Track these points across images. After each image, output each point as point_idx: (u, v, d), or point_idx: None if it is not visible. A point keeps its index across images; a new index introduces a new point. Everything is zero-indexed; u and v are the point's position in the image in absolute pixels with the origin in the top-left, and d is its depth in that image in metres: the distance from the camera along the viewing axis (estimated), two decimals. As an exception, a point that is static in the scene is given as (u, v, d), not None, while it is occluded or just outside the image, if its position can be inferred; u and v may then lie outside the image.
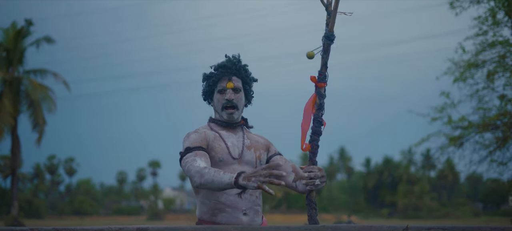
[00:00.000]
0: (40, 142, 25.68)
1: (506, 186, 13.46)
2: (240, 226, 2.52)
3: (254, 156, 2.81)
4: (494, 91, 12.07)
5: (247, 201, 2.68)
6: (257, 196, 2.74)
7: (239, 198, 2.61)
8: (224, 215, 2.66)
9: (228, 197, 2.65)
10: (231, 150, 2.75)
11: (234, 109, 2.80)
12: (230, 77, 2.83)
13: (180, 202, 69.44)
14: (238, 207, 2.66)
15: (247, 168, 2.75)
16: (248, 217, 2.69)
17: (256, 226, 2.70)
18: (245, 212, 2.68)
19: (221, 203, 2.66)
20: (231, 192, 2.64)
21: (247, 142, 2.84)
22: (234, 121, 2.83)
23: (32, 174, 60.85)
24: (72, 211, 56.75)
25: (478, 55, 11.88)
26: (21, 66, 26.40)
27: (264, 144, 2.92)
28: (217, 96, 2.83)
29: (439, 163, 53.01)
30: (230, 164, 2.71)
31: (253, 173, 2.30)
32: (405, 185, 54.95)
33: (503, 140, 11.93)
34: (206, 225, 2.57)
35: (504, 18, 11.44)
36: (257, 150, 2.85)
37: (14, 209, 25.92)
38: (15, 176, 26.72)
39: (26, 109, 25.74)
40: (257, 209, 2.74)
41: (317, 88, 2.64)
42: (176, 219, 47.65)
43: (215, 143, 2.74)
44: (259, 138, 2.93)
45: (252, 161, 2.79)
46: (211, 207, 2.67)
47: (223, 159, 2.70)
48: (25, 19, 26.26)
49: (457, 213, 51.08)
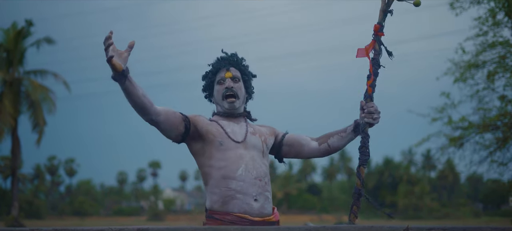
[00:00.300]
0: (40, 142, 25.69)
1: (507, 186, 13.45)
2: (240, 226, 2.53)
3: (260, 140, 2.80)
4: (495, 92, 12.07)
5: (256, 186, 2.66)
6: (266, 182, 2.72)
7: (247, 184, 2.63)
8: (236, 202, 2.62)
9: (238, 183, 2.63)
10: (231, 135, 2.73)
11: (234, 98, 2.79)
12: (228, 68, 2.83)
13: (180, 202, 69.41)
14: (248, 193, 2.63)
15: (254, 152, 2.73)
16: (259, 204, 2.66)
17: (267, 214, 2.69)
18: (256, 198, 2.65)
19: (232, 189, 2.63)
20: (241, 178, 2.63)
21: (250, 129, 2.82)
22: (235, 109, 2.81)
23: (33, 174, 60.85)
24: (72, 211, 56.74)
25: (478, 56, 11.88)
26: (21, 67, 26.41)
27: (269, 131, 2.92)
28: (216, 88, 2.83)
29: (439, 164, 53.14)
30: (233, 148, 2.69)
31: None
32: (406, 186, 54.94)
33: (504, 140, 11.92)
34: (208, 226, 2.56)
35: (504, 18, 11.43)
36: (262, 135, 2.84)
37: (14, 210, 25.92)
38: (15, 176, 26.72)
39: (26, 110, 25.74)
40: (267, 195, 2.71)
41: (377, 36, 2.84)
42: (176, 220, 47.64)
43: (211, 127, 2.73)
44: (263, 127, 2.92)
45: (259, 145, 2.78)
46: (222, 195, 2.64)
47: (223, 143, 2.69)
48: (26, 20, 26.28)
49: (458, 213, 51.07)
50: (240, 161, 2.67)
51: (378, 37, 2.84)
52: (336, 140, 2.92)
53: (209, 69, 2.88)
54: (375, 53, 2.83)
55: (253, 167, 2.69)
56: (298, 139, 2.95)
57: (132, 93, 2.49)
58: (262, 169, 2.72)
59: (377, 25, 2.84)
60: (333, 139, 2.92)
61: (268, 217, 2.69)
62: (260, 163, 2.73)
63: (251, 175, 2.66)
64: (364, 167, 2.78)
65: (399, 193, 54.79)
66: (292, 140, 2.94)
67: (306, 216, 48.11)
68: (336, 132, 2.94)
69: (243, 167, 2.66)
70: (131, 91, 2.49)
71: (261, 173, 2.70)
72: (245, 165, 2.67)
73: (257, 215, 2.65)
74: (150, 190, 67.75)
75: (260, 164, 2.73)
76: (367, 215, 53.64)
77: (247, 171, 2.66)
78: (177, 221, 45.49)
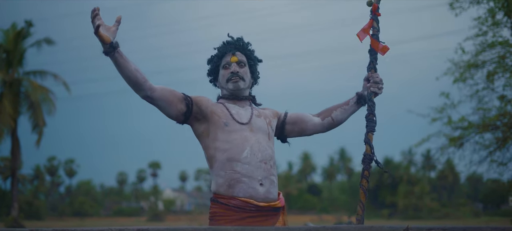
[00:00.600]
0: (39, 143, 25.67)
1: (506, 186, 13.47)
2: (241, 227, 2.53)
3: (265, 122, 2.79)
4: (494, 91, 12.07)
5: (262, 170, 2.65)
6: (271, 165, 2.71)
7: (254, 167, 2.64)
8: (241, 185, 2.61)
9: (243, 166, 2.62)
10: (236, 117, 2.72)
11: (238, 78, 2.78)
12: (234, 52, 2.82)
13: (180, 203, 69.37)
14: (254, 176, 2.62)
15: (260, 135, 2.72)
16: (264, 188, 2.65)
17: (272, 199, 2.68)
18: (261, 182, 2.64)
19: (237, 172, 2.61)
20: (246, 161, 2.62)
21: (255, 111, 2.81)
22: (240, 89, 2.80)
23: (32, 175, 60.80)
24: (72, 212, 56.70)
25: (478, 56, 11.88)
26: (21, 68, 26.40)
27: (273, 113, 2.92)
28: (222, 72, 2.83)
29: (439, 164, 52.99)
30: (239, 130, 2.68)
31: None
32: (406, 186, 54.91)
33: (503, 140, 11.93)
34: (208, 226, 2.56)
35: (504, 18, 11.44)
36: (267, 117, 2.83)
37: (14, 211, 25.92)
38: (15, 177, 26.71)
39: (26, 111, 25.73)
40: (273, 179, 2.70)
41: (375, 15, 2.98)
42: (176, 220, 47.61)
43: (216, 108, 2.73)
44: (266, 110, 2.91)
45: (264, 128, 2.77)
46: (227, 178, 2.62)
47: (228, 124, 2.68)
48: (25, 21, 26.28)
49: (458, 213, 51.05)
50: (246, 143, 2.65)
51: (376, 16, 2.98)
52: (340, 113, 2.97)
53: (215, 53, 2.88)
54: (374, 30, 2.98)
55: (259, 149, 2.67)
56: (301, 116, 2.96)
57: (124, 67, 2.54)
58: (267, 152, 2.71)
59: (376, 5, 2.98)
60: (336, 112, 2.97)
61: (273, 202, 2.68)
62: (265, 145, 2.72)
63: (257, 157, 2.65)
64: (372, 133, 2.88)
65: (399, 193, 54.76)
66: (294, 117, 2.95)
67: (306, 216, 48.08)
68: (338, 105, 2.98)
69: (248, 149, 2.64)
70: (122, 64, 2.54)
71: (266, 156, 2.69)
72: (251, 148, 2.65)
73: (262, 199, 2.63)
74: (150, 191, 67.74)
75: (265, 146, 2.71)
76: (367, 215, 53.61)
77: (252, 154, 2.64)
78: (177, 221, 45.45)
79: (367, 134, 2.87)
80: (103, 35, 2.47)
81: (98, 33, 2.45)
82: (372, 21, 2.97)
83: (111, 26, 2.54)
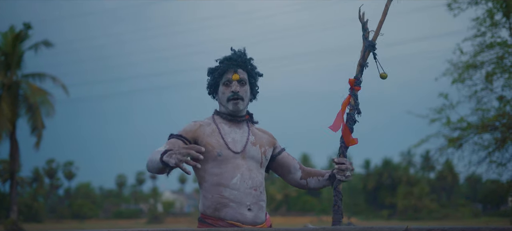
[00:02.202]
0: (38, 145, 25.65)
1: (506, 186, 13.46)
2: (237, 228, 2.52)
3: (259, 151, 2.78)
4: (493, 92, 12.08)
5: (251, 196, 2.65)
6: (261, 192, 2.71)
7: None
8: (228, 210, 2.61)
9: (232, 192, 2.62)
10: (231, 145, 2.70)
11: (239, 99, 2.76)
12: (236, 70, 2.79)
13: (179, 205, 69.35)
14: (242, 202, 2.62)
15: (252, 163, 2.72)
16: (253, 213, 2.65)
17: (260, 222, 2.69)
18: (250, 207, 2.64)
19: (225, 197, 2.62)
20: (235, 187, 2.62)
21: (252, 138, 2.79)
22: (239, 111, 2.79)
23: (31, 178, 60.67)
24: (71, 214, 56.63)
25: (476, 57, 11.89)
26: (19, 70, 26.38)
27: (269, 141, 2.90)
28: (222, 89, 2.80)
29: (438, 164, 52.99)
30: (231, 159, 2.67)
31: (174, 150, 2.35)
32: (405, 187, 54.90)
33: (502, 140, 11.93)
34: (203, 228, 2.55)
35: (502, 19, 11.46)
36: (262, 146, 2.81)
37: (13, 213, 25.88)
38: (14, 180, 26.67)
39: (24, 113, 25.71)
40: (262, 205, 2.71)
41: (353, 90, 2.83)
42: (176, 222, 47.58)
43: (211, 138, 2.70)
44: (264, 135, 2.89)
45: (257, 157, 2.76)
46: (214, 201, 2.63)
47: (221, 154, 2.66)
48: (24, 23, 26.25)
49: (457, 214, 51.06)
50: (236, 171, 2.66)
51: (354, 92, 2.84)
52: (314, 182, 2.95)
53: (216, 67, 2.85)
54: (351, 108, 2.83)
55: (249, 177, 2.68)
56: (290, 164, 2.96)
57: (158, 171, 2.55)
58: (258, 178, 2.72)
59: (352, 79, 2.85)
60: (312, 180, 2.95)
61: (260, 225, 2.70)
62: (256, 173, 2.72)
63: (247, 184, 2.65)
64: (338, 224, 2.81)
65: (398, 194, 54.75)
66: (284, 161, 2.95)
67: (305, 217, 48.09)
68: (316, 173, 2.96)
69: (238, 176, 2.65)
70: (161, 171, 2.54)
71: (256, 182, 2.70)
72: (241, 175, 2.66)
73: (249, 223, 2.65)
74: (149, 193, 67.65)
75: (256, 174, 2.72)
76: (367, 216, 53.65)
77: (242, 181, 2.65)
78: (176, 223, 45.42)
79: (332, 215, 2.82)
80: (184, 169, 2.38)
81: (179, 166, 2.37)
82: (350, 97, 2.85)
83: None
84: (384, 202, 56.69)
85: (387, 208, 55.95)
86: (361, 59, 2.85)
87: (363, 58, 2.85)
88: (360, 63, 2.85)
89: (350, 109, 2.83)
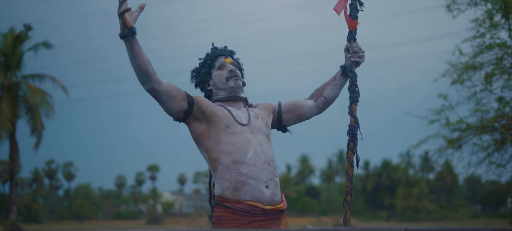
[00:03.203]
0: (38, 146, 25.65)
1: (505, 187, 13.45)
2: (239, 229, 2.53)
3: (263, 123, 2.79)
4: (492, 93, 12.08)
5: (267, 171, 2.64)
6: (274, 167, 2.71)
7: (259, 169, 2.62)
8: (248, 188, 2.59)
9: (249, 168, 2.60)
10: (237, 118, 2.71)
11: (237, 76, 2.81)
12: (227, 55, 2.87)
13: (179, 205, 69.30)
14: (260, 178, 2.61)
15: (260, 136, 2.72)
16: (270, 190, 2.65)
17: (277, 201, 2.69)
18: (267, 184, 2.63)
19: (243, 175, 2.59)
20: (251, 162, 2.61)
21: (252, 113, 2.81)
22: (239, 88, 2.82)
23: (31, 178, 60.68)
24: (71, 215, 56.61)
25: (475, 58, 11.89)
26: (19, 71, 26.38)
27: (266, 109, 2.92)
28: (217, 73, 2.83)
29: (437, 165, 53.12)
30: (241, 133, 2.67)
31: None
32: (404, 188, 54.91)
33: (501, 142, 11.93)
34: (207, 229, 2.56)
35: (501, 20, 11.46)
36: (264, 118, 2.83)
37: (13, 214, 25.88)
38: (13, 181, 26.67)
39: (24, 114, 25.71)
40: (276, 181, 2.71)
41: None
42: (175, 223, 47.57)
43: (216, 109, 2.71)
44: (260, 109, 2.91)
45: (263, 129, 2.77)
46: (233, 181, 2.60)
47: (230, 126, 2.66)
48: (24, 24, 26.27)
49: (456, 215, 51.07)
50: (249, 145, 2.64)
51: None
52: (330, 90, 2.97)
53: (207, 54, 2.90)
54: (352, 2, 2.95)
55: (262, 151, 2.67)
56: (295, 102, 2.97)
57: (138, 54, 2.53)
58: (269, 153, 2.71)
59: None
60: (327, 90, 2.97)
61: (278, 205, 2.69)
62: (267, 147, 2.72)
63: (261, 159, 2.64)
64: (355, 104, 2.85)
65: (397, 195, 54.76)
66: (289, 105, 2.96)
67: (305, 218, 48.05)
68: (326, 83, 2.99)
69: (252, 151, 2.63)
70: (137, 51, 2.52)
71: (269, 157, 2.69)
72: (254, 149, 2.64)
73: (268, 202, 2.63)
74: (149, 194, 67.65)
75: (267, 148, 2.72)
76: (366, 217, 53.64)
77: (256, 155, 2.63)
78: (176, 224, 45.41)
79: (350, 105, 2.85)
80: (126, 18, 2.44)
81: (122, 15, 2.43)
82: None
83: (134, 11, 2.52)
84: (383, 203, 56.70)
85: (386, 209, 55.95)
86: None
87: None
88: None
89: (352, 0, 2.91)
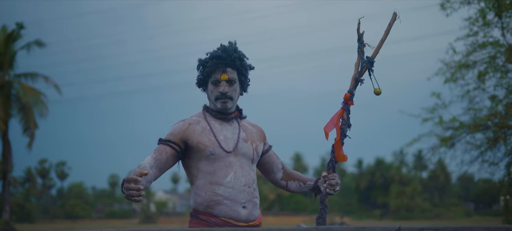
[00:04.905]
0: (31, 146, 25.55)
1: (498, 186, 13.49)
2: (232, 228, 2.52)
3: (251, 148, 2.75)
4: (485, 92, 12.11)
5: (245, 193, 2.64)
6: (254, 188, 2.70)
7: (237, 191, 2.61)
8: (222, 207, 2.59)
9: (226, 190, 2.60)
10: (223, 144, 2.67)
11: (227, 99, 2.72)
12: (225, 69, 2.71)
13: (172, 204, 69.26)
14: (237, 199, 2.61)
15: (244, 160, 2.70)
16: (247, 210, 2.64)
17: (253, 220, 2.67)
18: (244, 205, 2.63)
19: (219, 195, 2.59)
20: (229, 185, 2.60)
21: (243, 134, 2.76)
22: (228, 110, 2.75)
23: (24, 178, 60.50)
24: (64, 214, 56.49)
25: (468, 56, 11.91)
26: (11, 70, 26.24)
27: (260, 135, 2.88)
28: (210, 87, 2.74)
29: (430, 164, 53.28)
30: (224, 157, 2.64)
31: (126, 178, 2.27)
32: (397, 186, 55.08)
33: (494, 140, 11.97)
34: (200, 228, 2.54)
35: (494, 19, 11.48)
36: (254, 142, 2.79)
37: (5, 214, 25.77)
38: (6, 180, 26.54)
39: (17, 113, 25.59)
40: (256, 202, 2.70)
41: (347, 105, 2.81)
42: (168, 222, 47.51)
43: (203, 137, 2.66)
44: (254, 129, 2.87)
45: (249, 154, 2.73)
46: (207, 199, 2.60)
47: (214, 153, 2.63)
48: (16, 23, 26.11)
49: (449, 213, 51.28)
50: (229, 169, 2.64)
51: (348, 106, 2.82)
52: (295, 186, 2.96)
53: (204, 64, 2.77)
54: (343, 123, 2.81)
55: (242, 174, 2.66)
56: (274, 163, 2.96)
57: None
58: (250, 175, 2.70)
59: (348, 94, 2.82)
60: (293, 183, 2.96)
61: (252, 222, 2.69)
62: (248, 170, 2.71)
63: (240, 182, 2.64)
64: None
65: (391, 193, 54.93)
66: (269, 160, 2.95)
67: (298, 217, 48.13)
68: (298, 177, 2.96)
69: (231, 174, 2.63)
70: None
71: (249, 179, 2.68)
72: (234, 173, 2.64)
73: (243, 220, 2.63)
74: (142, 193, 67.50)
75: (248, 171, 2.70)
76: (359, 215, 53.75)
77: (236, 179, 2.63)
78: (169, 223, 45.35)
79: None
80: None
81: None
82: (342, 111, 2.82)
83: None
84: (376, 201, 56.85)
85: (380, 208, 56.10)
86: (357, 74, 2.83)
87: (359, 73, 2.84)
88: (355, 78, 2.83)
89: (342, 124, 2.81)
